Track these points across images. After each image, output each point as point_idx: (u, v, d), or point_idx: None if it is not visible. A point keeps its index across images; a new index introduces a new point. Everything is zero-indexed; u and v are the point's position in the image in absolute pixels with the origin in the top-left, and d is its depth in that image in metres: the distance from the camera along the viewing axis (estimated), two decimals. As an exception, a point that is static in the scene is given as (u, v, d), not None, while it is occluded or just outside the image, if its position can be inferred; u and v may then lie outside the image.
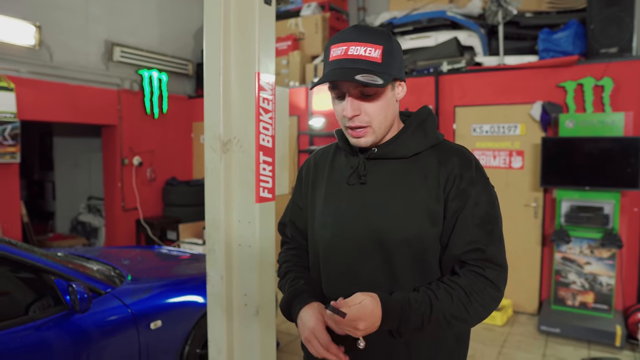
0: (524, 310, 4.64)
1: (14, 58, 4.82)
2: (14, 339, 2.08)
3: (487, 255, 1.13)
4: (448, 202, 1.15)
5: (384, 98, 1.14)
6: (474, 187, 1.16)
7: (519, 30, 5.06)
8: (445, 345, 1.21)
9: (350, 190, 1.21)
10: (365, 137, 1.15)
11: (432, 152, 1.21)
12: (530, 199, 4.56)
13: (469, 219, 1.14)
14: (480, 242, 1.13)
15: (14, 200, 4.92)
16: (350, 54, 1.09)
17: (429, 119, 1.25)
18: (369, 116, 1.13)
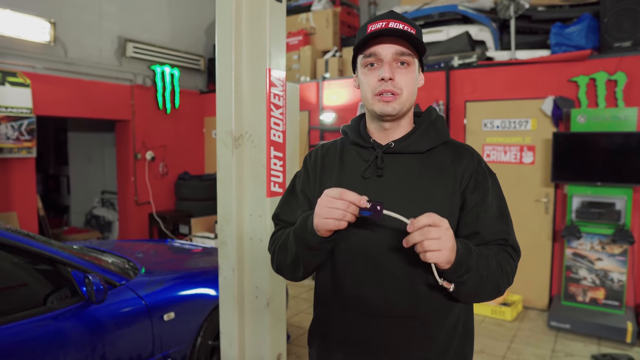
0: (533, 306, 4.64)
1: (30, 54, 4.91)
2: (34, 328, 2.15)
3: (509, 243, 1.23)
4: (467, 195, 1.21)
5: (414, 72, 1.22)
6: (488, 180, 1.24)
7: (531, 24, 5.02)
8: (457, 334, 1.24)
9: (365, 183, 1.22)
10: (393, 103, 1.19)
11: (444, 149, 1.27)
12: (541, 194, 4.55)
13: (490, 211, 1.22)
14: (504, 233, 1.23)
15: (30, 194, 5.02)
16: (391, 27, 1.17)
17: (439, 117, 1.32)
18: (401, 83, 1.19)
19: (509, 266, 1.19)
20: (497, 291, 1.18)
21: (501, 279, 1.17)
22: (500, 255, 1.19)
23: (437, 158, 1.24)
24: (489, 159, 4.79)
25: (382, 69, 1.18)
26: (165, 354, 2.65)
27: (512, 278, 1.21)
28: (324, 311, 1.32)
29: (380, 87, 1.18)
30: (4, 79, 4.66)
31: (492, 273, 1.14)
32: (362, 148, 1.29)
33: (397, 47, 1.18)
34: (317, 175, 1.33)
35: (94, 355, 2.29)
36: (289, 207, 1.36)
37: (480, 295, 1.17)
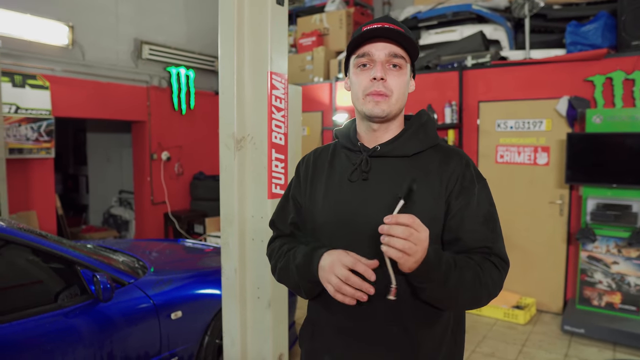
0: (547, 310, 4.56)
1: (49, 57, 5.04)
2: (45, 324, 2.21)
3: (494, 251, 1.19)
4: (451, 200, 1.19)
5: (406, 76, 1.22)
6: (475, 186, 1.21)
7: (546, 23, 4.94)
8: (445, 343, 1.23)
9: (351, 186, 1.23)
10: (382, 104, 1.19)
11: (432, 152, 1.25)
12: (555, 196, 4.47)
13: (474, 217, 1.19)
14: (488, 240, 1.19)
15: (49, 193, 5.15)
16: (387, 27, 1.18)
17: (429, 120, 1.30)
18: (392, 85, 1.19)
19: (491, 278, 1.15)
20: (475, 302, 1.16)
21: (479, 291, 1.13)
22: (483, 266, 1.14)
23: (424, 161, 1.23)
24: (502, 160, 4.73)
25: (375, 69, 1.18)
26: (173, 352, 2.69)
27: (495, 289, 1.17)
28: (313, 314, 1.34)
29: (371, 87, 1.19)
30: (24, 82, 4.79)
31: (466, 285, 1.10)
32: (350, 151, 1.29)
33: (390, 49, 1.18)
34: (307, 180, 1.35)
35: (102, 352, 2.35)
36: (284, 213, 1.41)
37: (450, 305, 1.16)
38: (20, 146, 4.77)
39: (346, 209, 1.22)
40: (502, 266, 1.18)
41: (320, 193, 1.29)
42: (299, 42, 6.50)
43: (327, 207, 1.26)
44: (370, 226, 1.16)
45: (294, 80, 6.31)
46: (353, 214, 1.21)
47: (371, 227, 1.16)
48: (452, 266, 1.09)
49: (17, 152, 4.76)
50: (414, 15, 5.87)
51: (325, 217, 1.26)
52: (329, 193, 1.27)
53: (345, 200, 1.23)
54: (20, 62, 4.79)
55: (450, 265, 1.08)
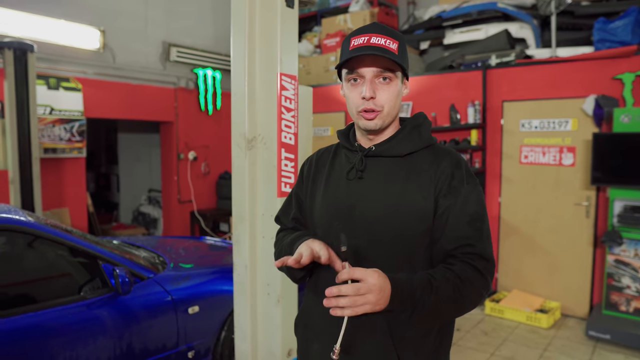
0: (573, 314, 4.45)
1: (81, 61, 5.25)
2: (69, 314, 2.33)
3: (477, 250, 1.18)
4: (439, 199, 1.21)
5: (396, 87, 1.25)
6: (464, 186, 1.23)
7: (574, 20, 4.82)
8: (431, 338, 1.26)
9: (349, 184, 1.29)
10: (375, 120, 1.23)
11: (425, 153, 1.29)
12: (581, 197, 4.35)
13: (460, 216, 1.20)
14: (471, 239, 1.19)
15: (80, 192, 5.37)
16: (372, 42, 1.20)
17: (425, 123, 1.34)
18: (382, 101, 1.23)
19: (471, 286, 1.14)
20: (459, 313, 1.18)
21: (461, 303, 1.14)
22: (462, 276, 1.13)
23: (417, 161, 1.26)
24: (526, 161, 4.64)
25: (364, 87, 1.21)
26: (189, 345, 2.78)
27: (478, 295, 1.16)
28: (307, 303, 1.41)
29: (362, 105, 1.23)
30: (58, 84, 5.01)
31: (446, 303, 1.11)
32: (349, 151, 1.35)
33: (376, 67, 1.21)
34: (310, 178, 1.42)
35: (121, 343, 2.45)
36: (287, 210, 1.49)
37: (435, 323, 1.19)
38: (54, 146, 4.99)
39: (341, 205, 1.28)
40: (484, 268, 1.17)
41: (320, 190, 1.36)
42: (323, 43, 6.54)
43: (324, 203, 1.32)
44: (362, 221, 1.23)
45: (318, 80, 6.35)
46: (348, 210, 1.26)
47: (363, 222, 1.23)
48: (429, 290, 1.09)
49: (51, 152, 4.98)
50: (439, 15, 5.83)
51: (322, 213, 1.32)
52: (328, 190, 1.33)
53: (341, 197, 1.29)
54: (55, 65, 5.01)
55: (425, 289, 1.09)
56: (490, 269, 1.19)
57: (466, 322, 4.35)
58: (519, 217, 4.74)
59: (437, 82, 5.24)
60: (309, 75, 6.46)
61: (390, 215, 1.21)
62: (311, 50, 6.76)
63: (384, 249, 1.22)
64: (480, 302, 1.19)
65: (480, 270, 1.16)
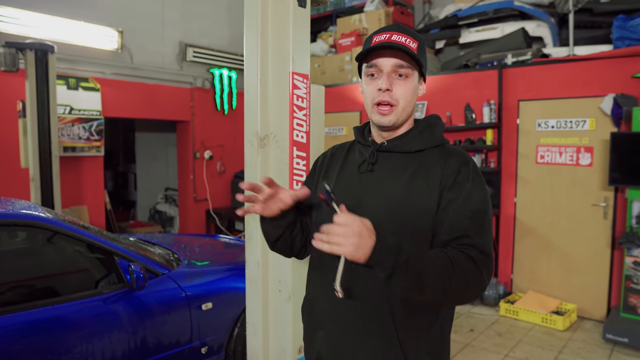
0: (590, 316, 4.38)
1: (100, 61, 5.35)
2: (86, 308, 2.39)
3: (473, 242, 1.17)
4: (444, 192, 1.23)
5: (413, 84, 1.30)
6: (469, 182, 1.24)
7: (592, 17, 4.75)
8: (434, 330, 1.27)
9: (359, 177, 1.34)
10: (389, 115, 1.28)
11: (435, 151, 1.32)
12: (599, 198, 4.29)
13: (461, 211, 1.21)
14: (469, 231, 1.19)
15: (98, 190, 5.47)
16: (394, 40, 1.26)
17: (438, 124, 1.38)
18: (398, 94, 1.27)
19: (463, 271, 1.12)
20: (442, 295, 1.14)
21: (449, 283, 1.11)
22: (455, 258, 1.12)
23: (426, 158, 1.29)
24: (542, 161, 4.59)
25: (381, 79, 1.26)
26: (203, 341, 2.82)
27: (471, 282, 1.14)
28: (311, 290, 1.44)
29: (378, 97, 1.27)
30: (77, 84, 5.11)
31: (431, 275, 1.10)
32: (363, 146, 1.40)
33: (396, 60, 1.26)
34: (322, 170, 1.48)
35: (135, 337, 2.50)
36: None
37: (418, 295, 1.15)
38: (73, 145, 5.10)
39: (351, 196, 1.32)
40: (480, 259, 1.15)
41: (331, 181, 1.41)
42: (339, 43, 6.55)
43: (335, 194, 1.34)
44: (369, 212, 1.24)
45: (333, 80, 6.37)
46: (356, 201, 1.30)
47: (370, 214, 1.23)
48: (415, 257, 1.10)
49: (70, 150, 5.08)
50: (454, 13, 5.79)
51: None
52: (339, 182, 1.38)
53: (352, 189, 1.33)
54: (74, 66, 5.11)
55: (411, 255, 1.10)
56: (487, 264, 1.17)
57: (480, 322, 4.32)
58: (535, 217, 4.68)
59: (452, 82, 5.21)
60: (324, 75, 6.48)
61: (396, 209, 1.24)
62: (326, 50, 6.77)
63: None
64: (471, 296, 1.16)
65: (475, 260, 1.14)
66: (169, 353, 2.66)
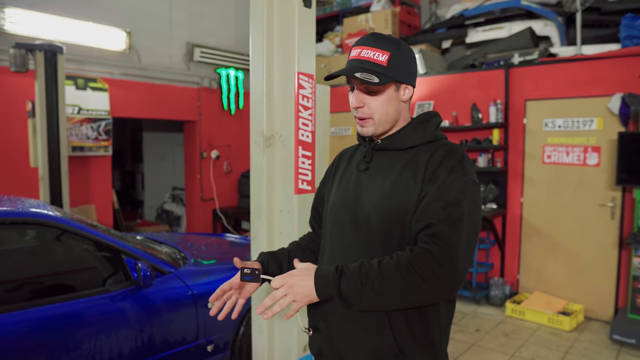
0: (597, 317, 4.36)
1: (108, 62, 5.39)
2: (94, 305, 2.41)
3: (435, 231, 1.14)
4: (423, 185, 1.24)
5: (386, 96, 1.31)
6: (450, 174, 1.21)
7: (600, 16, 4.72)
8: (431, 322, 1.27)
9: (358, 175, 1.39)
10: (366, 127, 1.34)
11: (427, 147, 1.33)
12: (606, 198, 4.26)
13: (434, 200, 1.18)
14: (434, 218, 1.15)
15: (106, 189, 5.52)
16: (362, 56, 1.29)
17: (432, 120, 1.39)
18: (370, 109, 1.31)
19: (417, 273, 1.10)
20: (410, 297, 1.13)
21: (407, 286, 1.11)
22: (408, 260, 1.11)
23: (416, 155, 1.31)
24: (549, 161, 4.57)
25: (353, 97, 1.32)
26: (209, 339, 2.84)
27: (431, 277, 1.10)
28: None
29: (355, 112, 1.35)
30: (85, 85, 5.16)
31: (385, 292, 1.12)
32: (363, 146, 1.45)
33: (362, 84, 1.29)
34: (331, 174, 1.56)
35: (142, 335, 2.52)
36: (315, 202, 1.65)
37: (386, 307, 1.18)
38: (82, 144, 5.15)
39: (350, 195, 1.38)
40: (438, 251, 1.11)
41: (336, 181, 1.49)
42: (345, 43, 6.56)
43: (337, 193, 1.45)
44: (362, 209, 1.32)
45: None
46: (353, 199, 1.36)
47: (363, 210, 1.32)
48: (363, 277, 1.14)
49: (79, 150, 5.13)
50: (461, 13, 5.78)
51: (332, 201, 1.45)
52: (341, 181, 1.45)
53: (351, 188, 1.39)
54: (83, 66, 5.16)
55: (358, 276, 1.14)
56: (448, 254, 1.11)
57: (486, 323, 4.31)
58: (542, 217, 4.67)
59: (458, 81, 5.20)
60: (330, 75, 6.48)
61: (385, 205, 1.27)
62: (333, 49, 6.79)
63: (377, 237, 1.28)
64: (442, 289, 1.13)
65: (434, 254, 1.11)
66: (175, 350, 2.68)
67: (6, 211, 2.40)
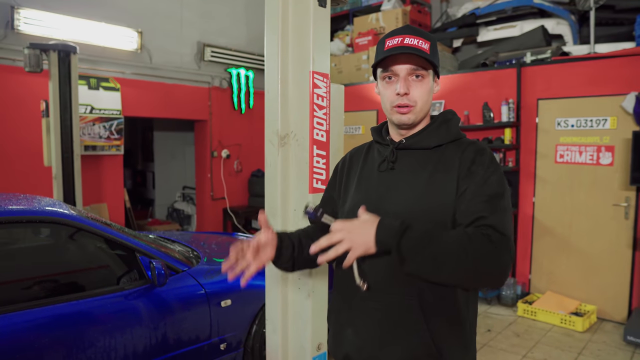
0: (610, 318, 4.32)
1: (120, 61, 5.43)
2: (108, 303, 2.44)
3: (489, 222, 1.17)
4: (460, 182, 1.26)
5: (428, 84, 1.33)
6: (485, 170, 1.26)
7: (614, 14, 4.68)
8: (460, 325, 1.28)
9: (380, 176, 1.37)
10: (408, 114, 1.32)
11: (453, 145, 1.35)
12: (620, 198, 4.22)
13: (477, 195, 1.22)
14: (484, 212, 1.19)
15: (118, 188, 5.56)
16: (406, 43, 1.29)
17: (454, 119, 1.40)
18: (415, 96, 1.31)
19: (481, 249, 1.11)
20: (467, 274, 1.14)
21: (466, 261, 1.11)
22: (472, 237, 1.12)
23: (444, 153, 1.32)
24: (562, 160, 4.54)
25: (398, 84, 1.31)
26: (222, 338, 2.85)
27: (488, 264, 1.12)
28: (338, 289, 1.46)
29: (397, 100, 1.32)
30: (98, 84, 5.20)
31: (446, 253, 1.11)
32: (381, 145, 1.43)
33: (410, 65, 1.29)
34: (343, 174, 1.52)
35: (156, 333, 2.54)
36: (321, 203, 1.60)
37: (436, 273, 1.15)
38: (94, 143, 5.19)
39: (373, 195, 1.35)
40: (497, 238, 1.13)
41: (353, 184, 1.44)
42: (355, 42, 6.55)
43: (357, 194, 1.40)
44: (393, 210, 1.28)
45: (350, 79, 6.37)
46: (379, 200, 1.33)
47: (394, 211, 1.28)
48: (425, 234, 1.13)
49: (91, 149, 5.18)
50: (472, 12, 5.76)
51: (354, 204, 1.38)
52: (361, 183, 1.41)
53: (373, 188, 1.36)
54: (95, 66, 5.21)
55: (421, 233, 1.13)
56: (505, 243, 1.14)
57: (498, 323, 4.29)
58: (554, 217, 4.63)
59: (470, 80, 5.17)
60: (341, 74, 6.49)
61: (418, 205, 1.26)
62: (343, 49, 6.78)
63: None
64: (492, 276, 1.15)
65: (491, 238, 1.13)
66: (188, 349, 2.70)
67: (23, 209, 2.43)
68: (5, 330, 2.08)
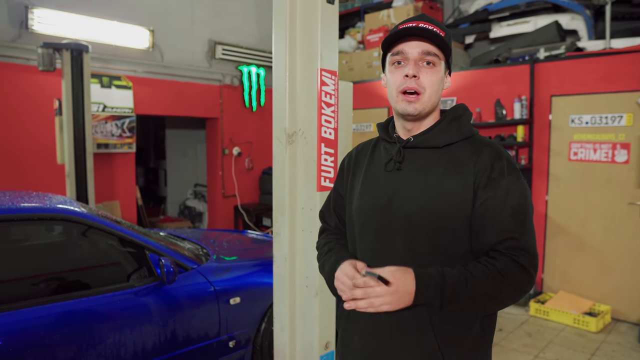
0: (624, 319, 4.24)
1: (132, 60, 5.47)
2: (118, 300, 2.46)
3: (521, 244, 1.17)
4: (479, 191, 1.20)
5: (440, 73, 1.26)
6: (505, 177, 1.20)
7: (631, 8, 4.58)
8: (470, 333, 1.23)
9: (387, 175, 1.30)
10: (415, 103, 1.23)
11: (465, 144, 1.27)
12: (636, 196, 4.14)
13: (501, 209, 1.18)
14: (515, 232, 1.17)
15: (130, 185, 5.61)
16: (421, 27, 1.23)
17: (465, 114, 1.32)
18: (424, 82, 1.23)
19: (514, 282, 1.14)
20: (497, 307, 1.21)
21: (500, 299, 1.17)
22: (505, 272, 1.13)
23: (456, 153, 1.25)
24: (576, 158, 4.46)
25: (408, 66, 1.23)
26: (230, 335, 2.86)
27: (521, 291, 1.17)
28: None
29: (404, 84, 1.23)
30: (110, 83, 5.25)
31: (482, 299, 1.14)
32: (388, 143, 1.36)
33: (423, 47, 1.22)
34: (350, 172, 1.44)
35: (165, 330, 2.55)
36: (329, 206, 1.53)
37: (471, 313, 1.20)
38: (106, 141, 5.24)
39: (380, 196, 1.29)
40: (529, 263, 1.16)
41: (359, 182, 1.38)
42: (367, 39, 6.52)
43: (363, 195, 1.34)
44: (400, 212, 1.24)
45: (361, 76, 6.34)
46: (386, 201, 1.27)
47: (402, 213, 1.23)
48: (463, 286, 1.12)
49: (104, 147, 5.23)
50: (485, 7, 5.69)
51: (360, 204, 1.34)
52: (367, 182, 1.35)
53: (380, 189, 1.30)
54: (107, 65, 5.25)
55: (458, 286, 1.12)
56: (534, 263, 1.17)
57: (510, 322, 4.24)
58: (567, 216, 4.56)
59: (482, 77, 5.11)
60: (352, 72, 6.46)
61: (428, 207, 1.21)
62: (354, 46, 6.75)
63: (422, 241, 1.21)
64: (523, 295, 1.19)
65: (524, 265, 1.15)
66: (197, 346, 2.71)
67: (35, 207, 2.46)
68: (17, 326, 2.11)
